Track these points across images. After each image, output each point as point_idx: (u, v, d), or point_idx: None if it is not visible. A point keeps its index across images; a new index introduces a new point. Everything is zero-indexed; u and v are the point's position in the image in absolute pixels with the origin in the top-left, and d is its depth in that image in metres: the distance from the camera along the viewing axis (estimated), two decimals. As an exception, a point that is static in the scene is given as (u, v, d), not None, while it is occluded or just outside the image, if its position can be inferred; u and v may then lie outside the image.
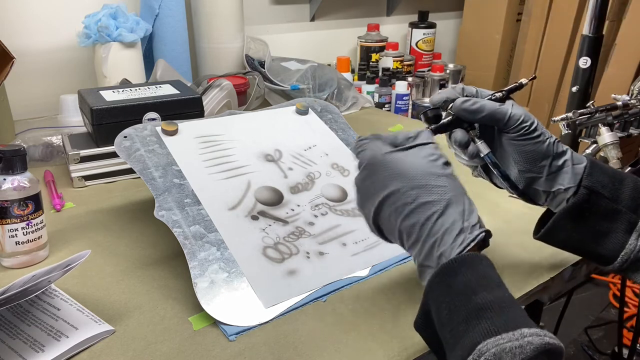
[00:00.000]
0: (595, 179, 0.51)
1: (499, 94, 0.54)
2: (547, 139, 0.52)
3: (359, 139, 0.52)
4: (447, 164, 0.48)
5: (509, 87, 0.55)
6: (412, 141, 0.49)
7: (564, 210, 0.52)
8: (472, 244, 0.44)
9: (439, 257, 0.44)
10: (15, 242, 0.61)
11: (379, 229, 0.50)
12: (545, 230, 0.54)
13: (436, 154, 0.48)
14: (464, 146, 0.54)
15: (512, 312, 0.39)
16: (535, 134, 0.52)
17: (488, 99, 0.54)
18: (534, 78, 0.60)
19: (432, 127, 0.53)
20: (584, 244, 0.52)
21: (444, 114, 0.55)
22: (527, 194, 0.55)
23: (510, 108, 0.52)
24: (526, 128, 0.52)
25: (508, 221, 0.73)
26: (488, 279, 0.41)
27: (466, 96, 0.54)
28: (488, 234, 0.46)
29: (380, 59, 1.74)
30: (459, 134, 0.54)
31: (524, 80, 0.56)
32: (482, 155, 0.54)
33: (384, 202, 0.47)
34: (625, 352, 1.44)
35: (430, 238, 0.44)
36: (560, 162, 0.53)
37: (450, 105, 0.54)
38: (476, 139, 0.54)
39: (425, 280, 0.45)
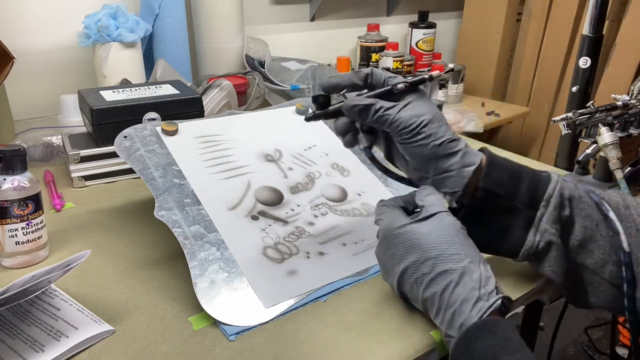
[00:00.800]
0: (492, 178, 0.52)
1: (401, 85, 0.53)
2: (431, 141, 0.52)
3: (379, 204, 0.55)
4: (461, 229, 0.50)
5: (415, 79, 0.54)
6: (424, 205, 0.52)
7: (465, 210, 0.53)
8: (489, 311, 0.44)
9: (459, 327, 0.45)
10: (15, 242, 0.61)
11: (404, 298, 0.52)
12: None
13: (449, 220, 0.50)
14: (342, 134, 0.56)
15: None
16: (419, 136, 0.52)
17: (388, 90, 0.54)
18: (451, 70, 0.60)
19: (317, 112, 0.55)
20: (488, 241, 0.53)
21: (334, 97, 0.55)
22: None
23: (395, 112, 0.52)
24: (408, 130, 0.52)
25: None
26: (508, 341, 0.42)
27: (370, 83, 0.55)
28: (506, 299, 0.46)
29: (380, 59, 1.74)
30: (340, 122, 0.56)
31: (434, 73, 0.56)
32: (360, 147, 0.55)
33: (404, 274, 0.50)
34: (625, 351, 1.44)
35: (450, 308, 0.46)
36: (447, 164, 0.52)
37: (343, 91, 0.55)
38: (360, 130, 0.55)
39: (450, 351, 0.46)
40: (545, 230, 0.51)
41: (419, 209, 0.53)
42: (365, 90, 0.55)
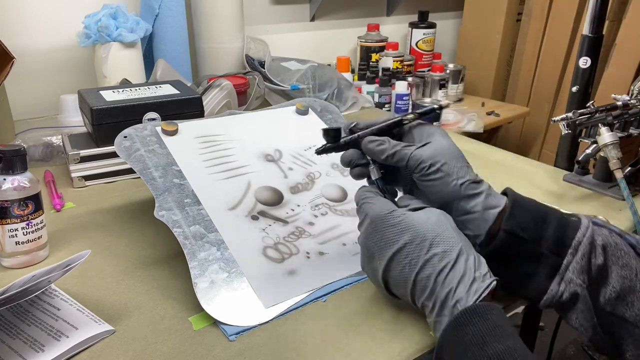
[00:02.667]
0: (517, 221, 0.49)
1: (410, 116, 0.54)
2: (453, 180, 0.50)
3: (361, 189, 0.54)
4: (451, 219, 0.50)
5: (423, 110, 0.55)
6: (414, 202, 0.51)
7: (487, 252, 0.50)
8: (487, 292, 0.45)
9: (453, 305, 0.45)
10: (15, 242, 0.61)
11: (386, 285, 0.51)
12: None
13: (439, 211, 0.50)
14: (350, 166, 0.56)
15: None
16: (437, 175, 0.50)
17: (398, 120, 0.54)
18: (446, 106, 0.58)
19: (328, 146, 0.56)
20: (510, 283, 0.50)
21: (344, 134, 0.56)
22: None
23: (414, 149, 0.51)
24: (425, 169, 0.50)
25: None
26: (499, 328, 0.42)
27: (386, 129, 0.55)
28: (498, 282, 0.46)
29: (380, 59, 1.74)
30: (348, 154, 0.55)
31: (443, 103, 0.56)
32: (373, 179, 0.54)
33: (395, 256, 0.48)
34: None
35: (445, 288, 0.45)
36: (469, 205, 0.50)
37: (353, 124, 0.55)
38: (371, 162, 0.54)
39: (439, 332, 0.45)
40: (570, 280, 0.48)
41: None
42: (377, 120, 0.55)
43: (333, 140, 0.56)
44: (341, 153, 0.56)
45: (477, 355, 0.40)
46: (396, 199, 0.54)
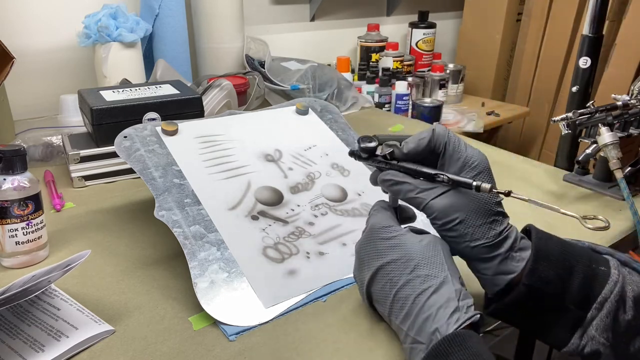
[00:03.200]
0: (539, 275, 0.46)
1: (443, 178, 0.47)
2: (465, 242, 0.47)
3: (376, 203, 0.53)
4: (449, 250, 0.48)
5: (459, 180, 0.46)
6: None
7: (502, 304, 0.48)
8: (467, 322, 0.43)
9: (432, 332, 0.43)
10: (15, 242, 0.61)
11: (369, 298, 0.50)
12: (489, 313, 0.50)
13: (438, 239, 0.48)
14: (374, 184, 0.53)
15: None
16: (451, 233, 0.47)
17: (431, 175, 0.48)
18: (507, 194, 0.47)
19: (361, 156, 0.53)
20: (530, 330, 0.49)
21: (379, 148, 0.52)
22: None
23: (429, 198, 0.47)
24: (437, 225, 0.48)
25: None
26: (479, 356, 0.40)
27: (435, 144, 0.49)
28: (482, 319, 0.44)
29: (380, 59, 1.74)
30: (374, 176, 0.53)
31: (483, 186, 0.45)
32: (390, 204, 0.53)
33: (380, 270, 0.47)
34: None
35: (423, 313, 0.44)
36: (480, 267, 0.48)
37: (391, 147, 0.51)
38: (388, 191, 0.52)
39: None
40: (593, 337, 0.45)
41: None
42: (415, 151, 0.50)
43: (368, 153, 0.53)
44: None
45: None
46: (412, 223, 0.53)
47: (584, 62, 1.03)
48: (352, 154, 0.55)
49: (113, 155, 0.83)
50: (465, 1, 2.08)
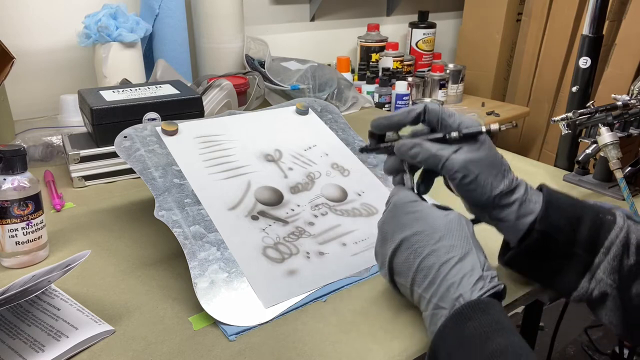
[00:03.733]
0: (550, 222, 0.49)
1: (454, 135, 0.50)
2: (486, 193, 0.50)
3: (396, 186, 0.54)
4: (472, 228, 0.49)
5: (470, 131, 0.50)
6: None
7: (518, 250, 0.52)
8: (491, 292, 0.44)
9: (456, 298, 0.44)
10: (15, 242, 0.61)
11: (390, 273, 0.51)
12: (505, 261, 0.55)
13: (461, 216, 0.49)
14: (391, 174, 0.56)
15: (527, 358, 0.39)
16: (469, 187, 0.50)
17: (441, 137, 0.51)
18: (511, 125, 0.53)
19: (370, 147, 0.56)
20: (542, 277, 0.52)
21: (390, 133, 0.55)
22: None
23: (448, 154, 0.49)
24: (457, 179, 0.50)
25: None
26: (501, 324, 0.41)
27: (428, 119, 0.52)
28: (505, 291, 0.46)
29: (380, 59, 1.74)
30: (389, 162, 0.55)
31: (493, 127, 0.50)
32: (407, 187, 0.54)
33: (404, 241, 0.48)
34: (626, 352, 1.43)
35: (447, 280, 0.45)
36: (502, 215, 0.51)
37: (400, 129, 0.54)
38: (406, 170, 0.54)
39: (437, 325, 0.44)
40: (601, 279, 0.49)
41: None
42: (422, 126, 0.54)
43: (376, 142, 0.56)
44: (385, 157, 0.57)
45: (478, 350, 0.40)
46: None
47: (584, 62, 1.03)
48: (363, 149, 0.57)
49: (113, 155, 0.83)
50: (465, 1, 2.08)
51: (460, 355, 0.41)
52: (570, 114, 0.74)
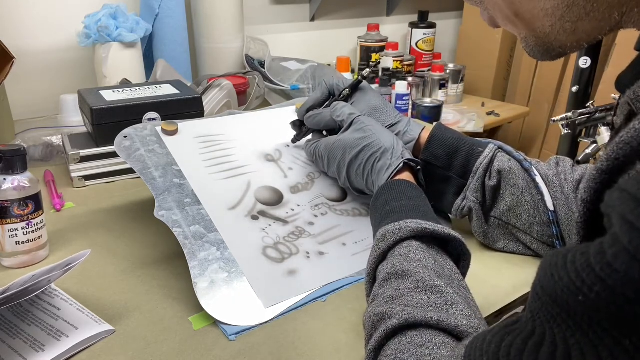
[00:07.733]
0: (431, 152, 0.64)
1: (345, 92, 0.70)
2: (366, 136, 0.61)
3: (309, 141, 0.72)
4: (374, 120, 0.65)
5: (352, 83, 0.71)
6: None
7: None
8: (394, 173, 0.57)
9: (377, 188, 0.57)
10: (16, 242, 0.61)
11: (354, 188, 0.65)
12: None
13: (364, 119, 0.64)
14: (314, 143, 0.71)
15: (409, 214, 0.49)
16: (352, 128, 0.64)
17: (337, 98, 0.71)
18: (375, 66, 0.72)
19: (298, 135, 0.75)
20: (431, 199, 0.59)
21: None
22: None
23: (342, 106, 0.67)
24: (348, 122, 0.64)
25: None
26: (401, 194, 0.53)
27: (330, 90, 0.73)
28: (413, 161, 0.58)
29: (380, 59, 1.74)
30: (314, 136, 0.74)
31: (365, 72, 0.72)
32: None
33: (350, 169, 0.63)
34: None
35: (373, 176, 0.60)
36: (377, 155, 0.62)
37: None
38: (324, 134, 0.72)
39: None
40: (467, 197, 0.63)
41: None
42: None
43: (299, 128, 0.75)
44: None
45: (380, 213, 0.52)
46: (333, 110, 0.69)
47: (584, 62, 1.03)
48: (293, 140, 0.76)
49: (113, 155, 0.83)
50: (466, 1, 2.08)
51: (373, 220, 0.54)
52: (570, 114, 0.74)
